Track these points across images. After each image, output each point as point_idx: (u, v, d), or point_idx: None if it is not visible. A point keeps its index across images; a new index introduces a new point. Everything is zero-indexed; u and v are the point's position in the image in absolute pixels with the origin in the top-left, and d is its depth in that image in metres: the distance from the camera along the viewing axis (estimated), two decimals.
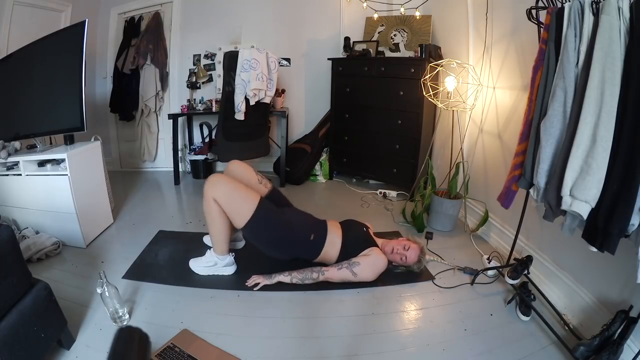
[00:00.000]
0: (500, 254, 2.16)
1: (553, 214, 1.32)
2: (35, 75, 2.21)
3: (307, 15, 3.73)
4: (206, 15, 3.73)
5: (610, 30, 1.07)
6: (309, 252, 1.89)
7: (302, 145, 3.69)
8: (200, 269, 1.96)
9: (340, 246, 1.88)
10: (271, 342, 1.49)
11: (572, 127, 1.18)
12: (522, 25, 1.91)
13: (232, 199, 1.77)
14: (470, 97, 2.45)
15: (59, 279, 1.84)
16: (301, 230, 1.88)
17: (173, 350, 1.39)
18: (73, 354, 1.39)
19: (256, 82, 2.76)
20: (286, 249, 1.88)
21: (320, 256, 1.88)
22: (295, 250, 1.89)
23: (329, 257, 1.89)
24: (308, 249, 1.88)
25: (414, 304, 1.76)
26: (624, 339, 1.22)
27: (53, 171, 2.12)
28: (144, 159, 4.03)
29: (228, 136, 2.91)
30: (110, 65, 3.81)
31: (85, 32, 2.07)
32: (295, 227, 1.88)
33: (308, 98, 3.96)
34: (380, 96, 3.14)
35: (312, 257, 1.89)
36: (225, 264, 1.95)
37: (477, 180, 2.52)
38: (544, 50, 1.37)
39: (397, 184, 3.24)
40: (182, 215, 2.84)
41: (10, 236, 1.19)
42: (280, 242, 1.86)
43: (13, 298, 1.18)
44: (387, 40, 3.42)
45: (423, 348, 1.47)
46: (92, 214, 2.34)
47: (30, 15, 2.95)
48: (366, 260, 1.83)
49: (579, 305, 1.59)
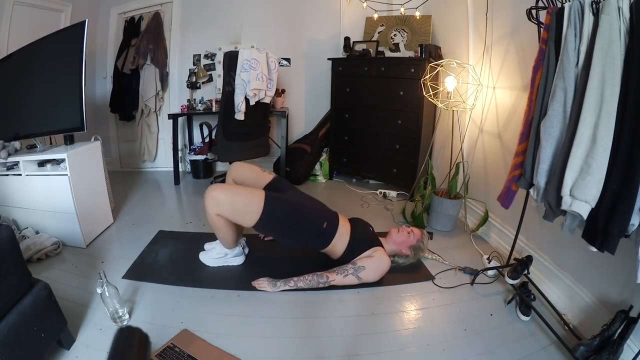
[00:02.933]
0: (500, 254, 2.16)
1: (553, 214, 1.32)
2: (35, 75, 2.21)
3: (307, 15, 3.73)
4: (206, 15, 3.73)
5: (610, 30, 1.07)
6: (319, 241, 1.86)
7: (302, 145, 3.69)
8: (210, 261, 2.00)
9: (348, 241, 1.87)
10: (271, 342, 1.49)
11: (572, 127, 1.18)
12: (522, 25, 1.91)
13: (236, 208, 1.74)
14: (470, 97, 2.45)
15: (59, 279, 1.85)
16: (314, 216, 1.86)
17: (173, 350, 1.39)
18: (73, 354, 1.39)
19: (256, 82, 2.75)
20: (298, 236, 1.84)
21: (328, 247, 1.87)
22: (307, 236, 1.85)
23: (336, 250, 1.88)
24: (319, 237, 1.85)
25: (414, 304, 1.75)
26: (624, 339, 1.22)
27: (53, 171, 2.12)
28: (144, 159, 4.03)
29: (228, 136, 2.91)
30: (110, 65, 3.82)
31: (85, 32, 2.07)
32: (307, 211, 1.86)
33: (308, 98, 3.96)
34: (380, 96, 3.14)
35: (322, 246, 1.87)
36: (234, 255, 1.99)
37: (477, 180, 2.52)
38: (544, 50, 1.37)
39: (397, 184, 3.24)
40: (182, 215, 2.84)
41: (10, 236, 1.19)
42: (292, 229, 1.82)
43: (13, 298, 1.18)
44: (387, 40, 3.42)
45: (423, 348, 1.47)
46: (92, 214, 2.34)
47: (30, 15, 2.95)
48: (371, 263, 1.82)
49: (579, 305, 1.59)
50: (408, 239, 1.98)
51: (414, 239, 1.99)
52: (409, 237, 1.99)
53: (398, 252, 1.99)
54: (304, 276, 1.80)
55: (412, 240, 1.99)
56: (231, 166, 2.09)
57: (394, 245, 1.98)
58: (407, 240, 1.98)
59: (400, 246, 1.98)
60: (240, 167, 2.07)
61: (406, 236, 1.98)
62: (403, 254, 1.98)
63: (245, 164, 2.09)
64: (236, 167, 2.07)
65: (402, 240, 1.98)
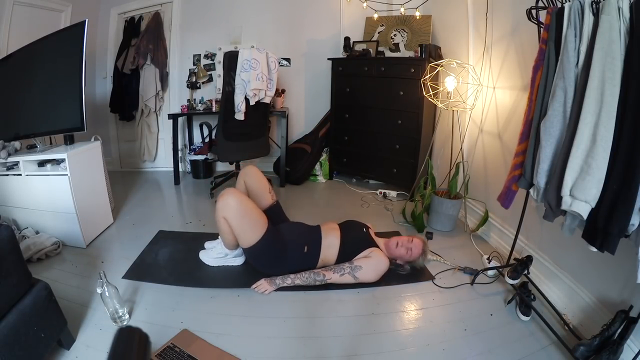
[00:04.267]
0: (500, 254, 2.16)
1: (553, 214, 1.32)
2: (35, 75, 2.21)
3: (307, 15, 3.73)
4: (206, 15, 3.73)
5: (610, 31, 1.07)
6: (305, 264, 1.89)
7: (302, 145, 3.69)
8: (210, 260, 2.00)
9: (339, 247, 1.88)
10: (271, 342, 1.49)
11: (572, 127, 1.18)
12: (522, 25, 1.91)
13: (241, 223, 1.76)
14: (470, 97, 2.45)
15: (59, 279, 1.85)
16: (295, 247, 1.88)
17: (173, 350, 1.39)
18: (73, 354, 1.39)
19: (256, 82, 2.75)
20: (283, 267, 1.87)
21: (319, 263, 1.90)
22: (291, 266, 1.87)
23: (328, 260, 1.90)
24: (304, 262, 1.88)
25: (414, 304, 1.76)
26: (624, 339, 1.22)
27: (53, 171, 2.12)
28: (144, 159, 4.03)
29: (228, 136, 2.91)
30: (110, 65, 3.82)
31: (85, 32, 2.07)
32: (290, 245, 1.87)
33: (308, 98, 3.96)
34: (380, 96, 3.14)
35: (311, 266, 1.89)
36: (235, 255, 2.00)
37: (477, 180, 2.52)
38: (544, 50, 1.37)
39: (397, 184, 3.24)
40: (182, 215, 2.84)
41: (10, 236, 1.19)
42: (276, 264, 1.86)
43: (13, 298, 1.18)
44: (387, 40, 3.42)
45: (423, 348, 1.47)
46: (92, 214, 2.34)
47: (30, 15, 2.95)
48: (368, 263, 1.82)
49: (579, 305, 1.59)
50: (405, 255, 1.92)
51: (411, 257, 1.92)
52: (406, 254, 1.92)
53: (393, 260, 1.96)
54: (301, 273, 1.81)
55: (408, 258, 1.93)
56: (245, 168, 2.09)
57: (390, 256, 1.95)
58: (404, 257, 1.93)
59: (396, 258, 1.95)
60: (254, 174, 2.07)
61: (404, 253, 1.92)
62: (399, 263, 1.97)
63: (259, 173, 2.10)
64: (250, 171, 2.07)
65: (399, 255, 1.93)
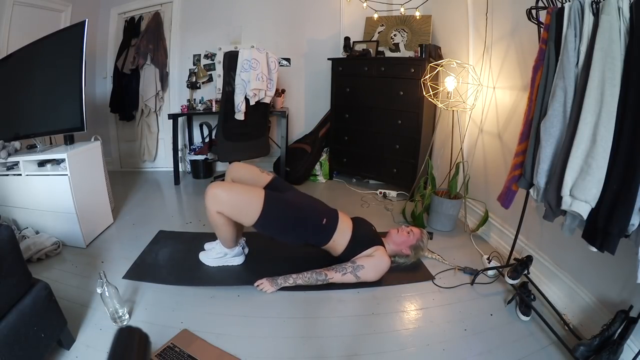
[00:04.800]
0: (500, 254, 2.16)
1: (553, 214, 1.32)
2: (35, 75, 2.21)
3: (307, 15, 3.73)
4: (206, 15, 3.73)
5: (610, 30, 1.07)
6: (320, 237, 1.87)
7: (302, 145, 3.69)
8: (210, 261, 2.00)
9: (350, 238, 1.88)
10: (271, 342, 1.49)
11: (572, 127, 1.18)
12: (522, 25, 1.91)
13: (237, 206, 1.75)
14: (470, 97, 2.45)
15: (59, 279, 1.85)
16: (313, 212, 1.88)
17: (173, 350, 1.39)
18: (73, 354, 1.39)
19: (256, 82, 2.76)
20: (298, 233, 1.85)
21: (329, 243, 1.87)
22: (307, 232, 1.86)
23: (337, 247, 1.88)
24: (320, 233, 1.87)
25: (414, 304, 1.76)
26: (624, 339, 1.22)
27: (53, 171, 2.12)
28: (144, 159, 4.03)
29: (228, 136, 2.92)
30: (110, 65, 3.82)
31: (85, 32, 2.07)
32: (306, 209, 1.88)
33: (308, 98, 3.96)
34: (380, 96, 3.14)
35: (322, 242, 1.88)
36: (234, 255, 2.00)
37: (477, 180, 2.52)
38: (544, 50, 1.37)
39: (397, 184, 3.24)
40: (182, 215, 2.84)
41: (10, 236, 1.19)
42: (292, 227, 1.83)
43: (13, 298, 1.18)
44: (387, 40, 3.42)
45: (423, 348, 1.47)
46: (92, 214, 2.34)
47: (30, 15, 2.95)
48: (370, 262, 1.83)
49: (579, 305, 1.59)
50: (408, 238, 1.99)
51: (413, 239, 2.00)
52: (408, 237, 2.00)
53: (398, 252, 1.99)
54: (303, 273, 1.81)
55: (411, 239, 2.00)
56: (230, 166, 2.09)
57: (394, 246, 1.99)
58: (407, 240, 1.99)
59: (400, 246, 1.98)
60: (239, 167, 2.07)
61: (406, 236, 1.99)
62: (403, 253, 1.98)
63: (244, 165, 2.10)
64: (235, 167, 2.07)
65: (402, 240, 1.99)
